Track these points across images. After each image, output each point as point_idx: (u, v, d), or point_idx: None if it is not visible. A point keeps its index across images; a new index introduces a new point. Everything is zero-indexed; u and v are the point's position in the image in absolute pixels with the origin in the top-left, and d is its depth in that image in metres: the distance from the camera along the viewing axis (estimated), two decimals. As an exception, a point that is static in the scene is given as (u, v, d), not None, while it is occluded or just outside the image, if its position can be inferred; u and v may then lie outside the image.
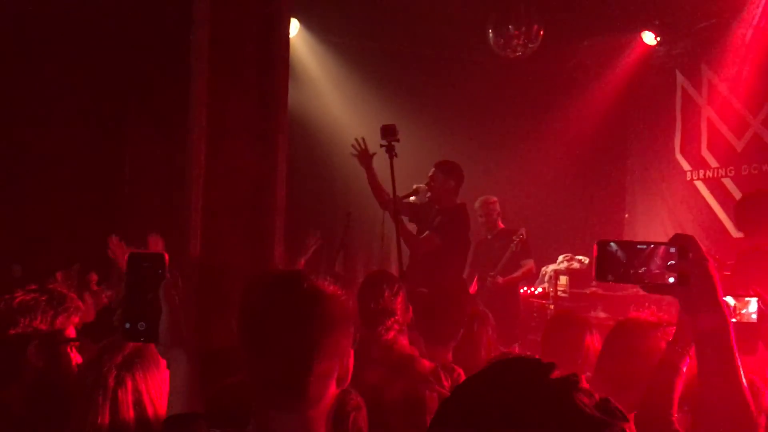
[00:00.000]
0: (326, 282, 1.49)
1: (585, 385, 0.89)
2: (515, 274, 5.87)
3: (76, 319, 2.17)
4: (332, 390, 1.46)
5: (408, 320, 2.88)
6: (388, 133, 4.35)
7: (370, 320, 2.77)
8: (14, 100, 5.88)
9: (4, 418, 1.96)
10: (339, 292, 1.49)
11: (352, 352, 1.50)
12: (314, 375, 1.41)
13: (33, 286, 2.14)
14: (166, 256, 1.57)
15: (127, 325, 1.54)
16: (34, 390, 2.03)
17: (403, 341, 2.82)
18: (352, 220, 5.74)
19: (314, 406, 1.43)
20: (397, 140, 4.36)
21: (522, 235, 5.84)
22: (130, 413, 1.83)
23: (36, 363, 2.03)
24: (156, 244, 4.10)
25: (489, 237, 6.07)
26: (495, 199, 6.10)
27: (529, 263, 5.95)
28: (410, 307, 2.90)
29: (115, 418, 1.82)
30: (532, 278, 6.77)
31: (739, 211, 4.18)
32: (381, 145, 4.39)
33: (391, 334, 2.75)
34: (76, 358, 2.14)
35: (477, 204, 6.03)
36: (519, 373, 0.91)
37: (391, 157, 4.37)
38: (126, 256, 1.56)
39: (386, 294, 2.78)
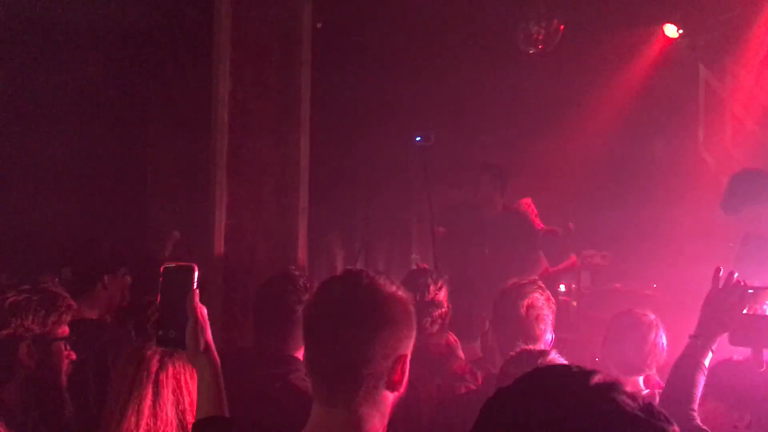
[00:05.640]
0: (388, 282, 1.51)
1: (629, 388, 0.89)
2: (556, 267, 5.89)
3: (68, 318, 2.22)
4: (386, 393, 1.46)
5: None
6: (423, 137, 4.39)
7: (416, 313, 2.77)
8: (36, 101, 5.95)
9: (3, 416, 2.01)
10: (400, 294, 1.52)
11: (409, 357, 1.50)
12: (366, 372, 1.42)
13: (26, 286, 2.18)
14: (196, 268, 1.66)
15: (160, 332, 1.65)
16: (27, 389, 2.09)
17: (441, 339, 2.85)
18: (373, 221, 5.75)
19: (366, 405, 1.44)
20: (431, 144, 4.38)
21: (571, 227, 5.87)
22: (170, 397, 1.94)
23: (27, 363, 2.08)
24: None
25: None
26: (530, 200, 6.10)
27: (571, 256, 5.96)
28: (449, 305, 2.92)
29: (157, 400, 1.93)
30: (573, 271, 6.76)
31: None
32: (415, 143, 4.39)
33: (436, 327, 2.78)
34: (70, 355, 2.21)
35: (515, 207, 6.04)
36: (559, 379, 0.90)
37: (424, 161, 4.40)
38: (161, 268, 1.66)
39: (431, 287, 2.80)
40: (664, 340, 3.03)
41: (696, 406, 2.08)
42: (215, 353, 1.64)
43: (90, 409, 2.34)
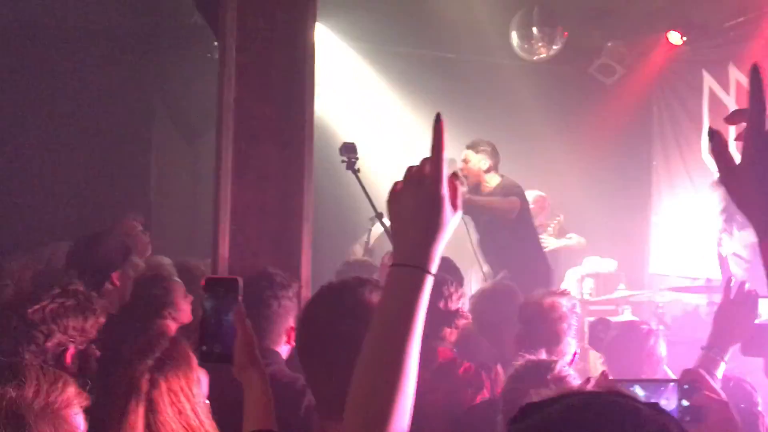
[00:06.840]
0: (375, 292, 1.47)
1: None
2: (562, 245, 5.94)
3: (102, 320, 2.23)
4: None
5: None
6: (348, 150, 4.19)
7: (434, 321, 2.64)
8: (38, 104, 5.97)
9: None
10: None
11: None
12: None
13: (56, 291, 2.17)
14: (240, 281, 1.62)
15: (204, 348, 1.60)
16: None
17: (450, 345, 2.83)
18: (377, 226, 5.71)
19: None
20: (356, 158, 4.20)
21: (560, 219, 5.87)
22: (168, 411, 1.87)
23: (72, 371, 2.07)
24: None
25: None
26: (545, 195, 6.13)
27: (575, 237, 6.15)
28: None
29: (152, 419, 1.85)
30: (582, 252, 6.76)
31: None
32: (342, 161, 4.17)
33: (454, 336, 2.75)
34: (94, 353, 2.21)
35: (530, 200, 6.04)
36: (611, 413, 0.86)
37: (355, 174, 4.21)
38: (203, 281, 1.62)
39: (454, 295, 2.75)
40: (662, 349, 3.04)
41: None
42: (263, 366, 1.63)
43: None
